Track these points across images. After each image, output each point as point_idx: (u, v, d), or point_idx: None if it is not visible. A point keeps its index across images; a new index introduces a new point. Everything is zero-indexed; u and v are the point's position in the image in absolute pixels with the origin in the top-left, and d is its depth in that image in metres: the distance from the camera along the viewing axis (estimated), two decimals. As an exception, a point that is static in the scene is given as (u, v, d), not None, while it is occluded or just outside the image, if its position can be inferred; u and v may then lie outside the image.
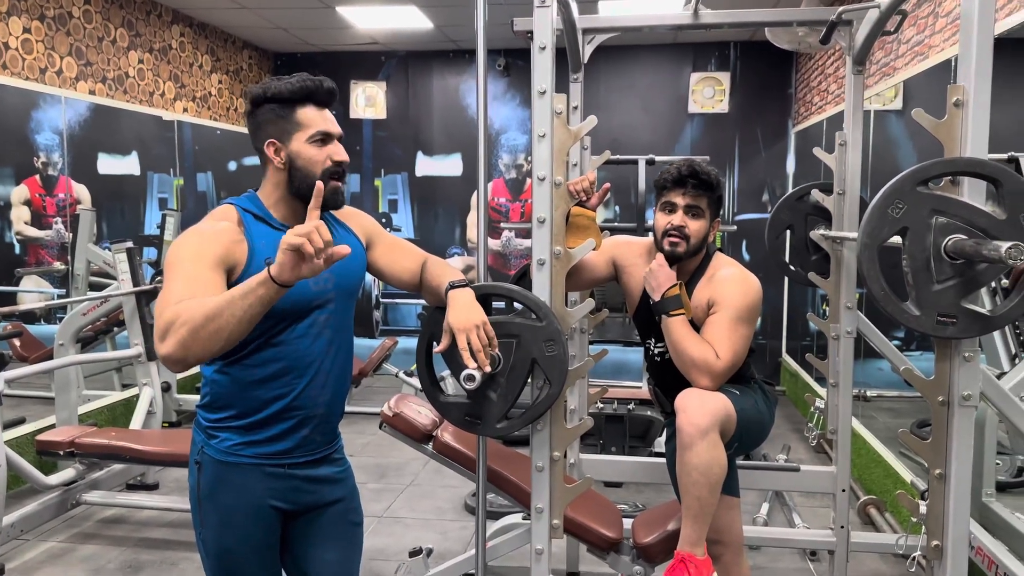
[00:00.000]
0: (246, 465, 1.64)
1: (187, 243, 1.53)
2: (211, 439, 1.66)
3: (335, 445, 1.79)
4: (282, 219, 1.64)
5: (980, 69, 1.76)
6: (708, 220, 2.23)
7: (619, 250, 2.39)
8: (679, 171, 2.20)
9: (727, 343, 2.12)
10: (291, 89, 1.61)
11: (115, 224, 5.33)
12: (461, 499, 4.15)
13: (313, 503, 1.73)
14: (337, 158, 1.63)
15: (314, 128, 1.61)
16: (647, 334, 2.36)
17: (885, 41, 4.21)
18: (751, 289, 2.19)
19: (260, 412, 1.63)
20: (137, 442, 3.54)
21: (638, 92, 6.70)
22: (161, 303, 1.43)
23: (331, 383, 1.70)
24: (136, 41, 5.46)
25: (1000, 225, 1.72)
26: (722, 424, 2.02)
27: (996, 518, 2.72)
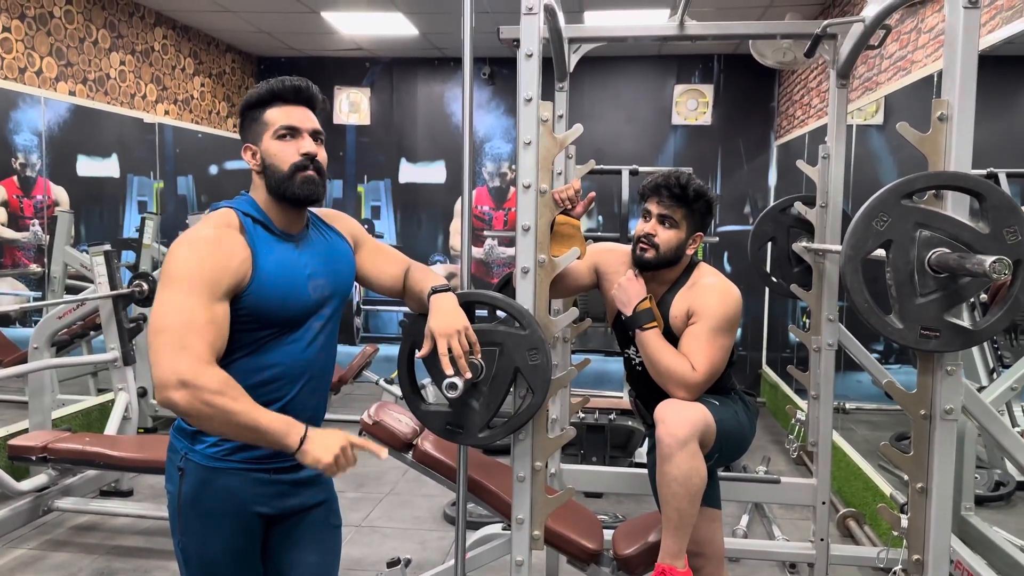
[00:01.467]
0: (233, 470, 1.61)
1: (206, 258, 1.49)
2: (196, 444, 1.62)
3: None
4: (277, 223, 1.63)
5: (965, 84, 1.77)
6: (684, 232, 2.21)
7: (601, 257, 2.38)
8: (655, 181, 2.22)
9: (704, 354, 2.11)
10: (259, 93, 1.63)
11: (93, 227, 5.26)
12: (440, 508, 4.12)
13: (296, 507, 1.72)
14: (303, 150, 1.60)
15: (278, 124, 1.61)
16: (627, 343, 2.35)
17: (868, 56, 4.25)
18: (730, 299, 2.18)
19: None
20: (112, 448, 3.48)
21: (622, 103, 6.72)
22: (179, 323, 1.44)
23: (320, 388, 1.71)
24: (118, 43, 5.41)
25: (984, 239, 1.72)
26: (701, 435, 2.01)
27: (975, 532, 2.73)
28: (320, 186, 1.63)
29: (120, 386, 4.20)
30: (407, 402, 1.86)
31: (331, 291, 1.68)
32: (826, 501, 2.84)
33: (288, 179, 1.59)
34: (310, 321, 1.64)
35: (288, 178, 1.59)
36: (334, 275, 1.70)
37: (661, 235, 2.19)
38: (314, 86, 1.67)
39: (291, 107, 1.62)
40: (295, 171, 1.59)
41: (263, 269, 1.56)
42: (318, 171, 1.62)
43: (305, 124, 1.62)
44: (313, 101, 1.67)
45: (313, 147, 1.62)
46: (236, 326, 1.55)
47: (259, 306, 1.55)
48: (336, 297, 1.70)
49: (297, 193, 1.60)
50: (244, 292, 1.53)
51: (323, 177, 1.64)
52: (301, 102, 1.64)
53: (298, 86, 1.63)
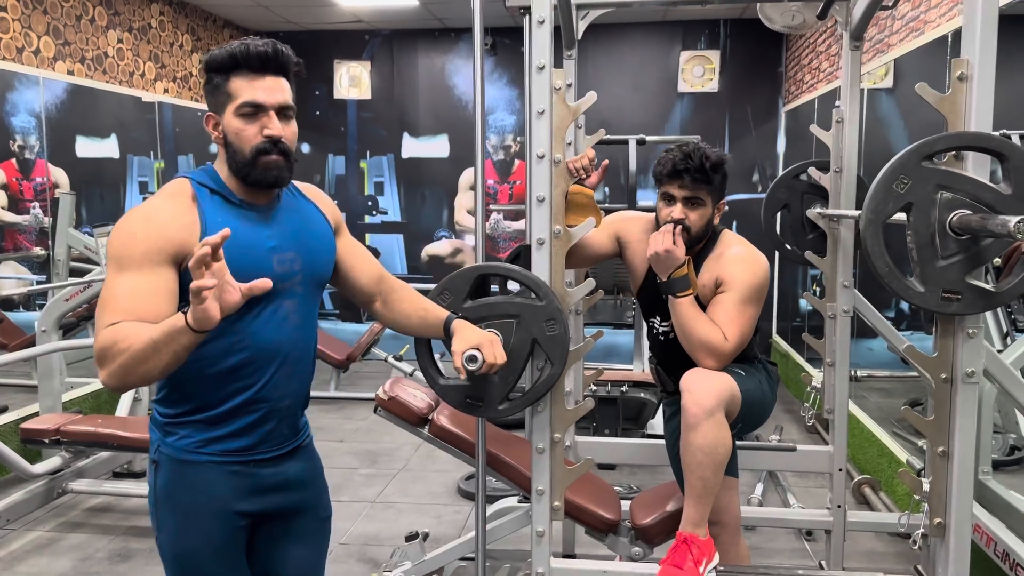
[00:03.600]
0: (206, 463, 1.52)
1: (136, 230, 1.40)
2: (168, 436, 1.53)
3: (303, 435, 1.68)
4: (239, 194, 1.51)
5: (985, 42, 1.73)
6: (710, 206, 2.18)
7: (623, 226, 2.35)
8: (673, 164, 2.14)
9: (735, 324, 2.10)
10: (220, 57, 1.47)
11: (94, 208, 5.22)
12: (454, 483, 4.12)
13: (281, 505, 1.62)
14: (267, 131, 1.46)
15: (240, 99, 1.45)
16: (651, 312, 2.33)
17: (879, 18, 4.17)
18: (759, 268, 2.17)
19: (222, 405, 1.51)
20: (124, 429, 3.49)
21: (627, 72, 6.63)
22: (99, 311, 1.35)
23: (298, 373, 1.59)
24: (115, 20, 5.34)
25: (1006, 200, 1.70)
26: (727, 405, 2.01)
27: (993, 496, 2.71)
28: (285, 170, 1.49)
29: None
30: (425, 376, 1.85)
31: (302, 267, 1.55)
32: (843, 468, 2.83)
33: (250, 164, 1.47)
34: (279, 299, 1.50)
35: (250, 163, 1.47)
36: (307, 252, 1.56)
37: (691, 216, 2.16)
38: (285, 50, 1.50)
39: (257, 77, 1.46)
40: (257, 155, 1.46)
41: (211, 229, 1.42)
42: (283, 153, 1.48)
43: (272, 99, 1.46)
44: (284, 68, 1.50)
45: (278, 128, 1.47)
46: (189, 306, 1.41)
47: None
48: (308, 278, 1.57)
49: (258, 180, 1.47)
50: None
51: (290, 159, 1.50)
52: (269, 71, 1.47)
53: (264, 52, 1.46)
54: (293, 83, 1.54)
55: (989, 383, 2.81)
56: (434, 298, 1.83)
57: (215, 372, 1.46)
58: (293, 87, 1.54)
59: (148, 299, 1.37)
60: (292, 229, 1.56)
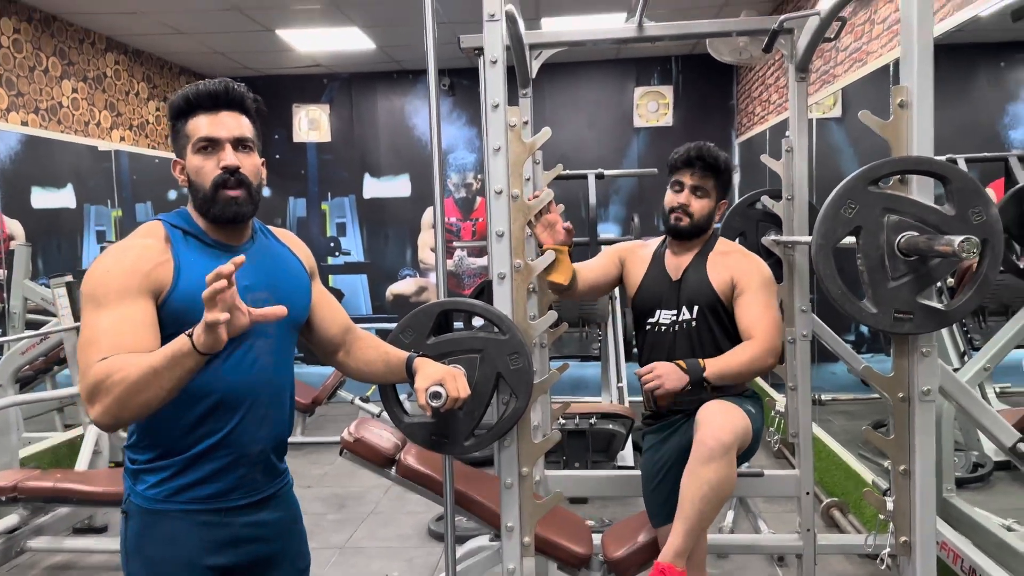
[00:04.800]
0: (176, 513, 1.48)
1: (111, 267, 1.40)
2: (137, 484, 1.50)
3: (282, 482, 1.64)
4: (211, 234, 1.52)
5: (922, 69, 1.80)
6: (714, 200, 2.40)
7: (622, 249, 2.60)
8: (687, 152, 2.39)
9: (767, 318, 2.29)
10: (176, 104, 1.51)
11: (51, 259, 5.13)
12: (425, 525, 4.07)
13: (256, 556, 1.57)
14: (223, 163, 1.47)
15: (196, 135, 1.48)
16: (652, 310, 2.43)
17: (824, 49, 4.31)
18: (764, 265, 2.41)
19: (189, 450, 1.47)
20: (84, 483, 3.39)
21: (584, 108, 6.75)
22: (82, 350, 1.34)
23: (271, 418, 1.55)
24: (69, 70, 5.31)
25: (950, 221, 1.75)
26: (741, 442, 2.09)
27: (958, 513, 2.76)
28: (246, 204, 1.50)
29: (88, 420, 4.09)
30: (390, 415, 1.84)
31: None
32: (810, 491, 2.84)
33: (210, 199, 1.48)
34: (250, 340, 1.48)
35: (210, 198, 1.48)
36: (281, 293, 1.54)
37: (694, 204, 2.37)
38: (237, 86, 1.52)
39: (213, 114, 1.48)
40: (216, 189, 1.47)
41: (186, 276, 1.43)
42: (241, 184, 1.48)
43: (225, 132, 1.48)
44: (238, 103, 1.51)
45: (233, 159, 1.47)
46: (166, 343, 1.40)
47: (183, 317, 1.38)
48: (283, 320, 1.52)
49: (219, 215, 1.48)
50: (165, 299, 1.41)
51: (250, 189, 1.50)
52: (223, 107, 1.50)
53: (215, 90, 1.49)
54: (255, 118, 1.55)
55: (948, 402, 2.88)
56: (396, 335, 1.83)
57: (182, 416, 1.44)
58: (255, 122, 1.55)
59: (132, 332, 1.35)
60: (265, 270, 1.56)
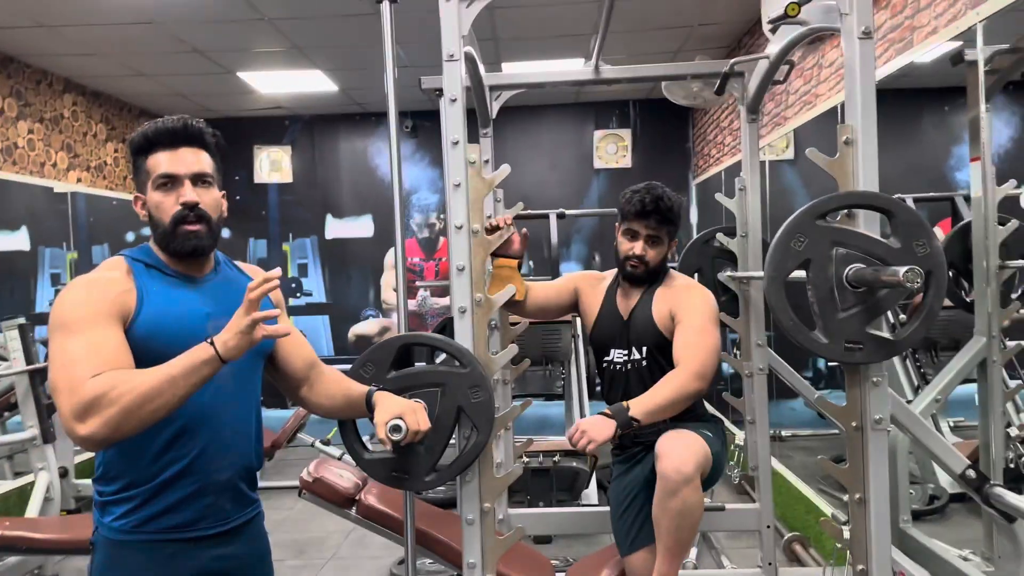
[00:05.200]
0: (142, 544, 1.47)
1: (79, 297, 1.42)
2: (104, 516, 1.49)
3: (251, 511, 1.63)
4: (172, 267, 1.54)
5: (866, 108, 1.88)
6: (666, 245, 2.44)
7: (580, 280, 2.61)
8: (643, 203, 2.37)
9: (699, 347, 2.27)
10: (136, 141, 1.54)
11: (3, 302, 5.01)
12: (387, 569, 4.01)
13: None
14: (182, 199, 1.50)
15: (156, 172, 1.51)
16: (607, 346, 2.46)
17: (775, 93, 4.45)
18: (708, 296, 2.41)
19: (155, 479, 1.47)
20: (34, 531, 3.28)
21: (544, 150, 6.87)
22: (62, 371, 1.33)
23: (237, 445, 1.56)
24: (26, 111, 5.26)
25: (896, 253, 1.81)
26: (703, 469, 2.12)
27: (915, 543, 2.79)
28: (206, 238, 1.53)
29: (40, 465, 4.00)
30: (349, 451, 1.82)
31: None
32: (770, 525, 2.87)
33: (170, 233, 1.51)
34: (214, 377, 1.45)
35: (170, 232, 1.51)
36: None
37: (650, 253, 2.41)
38: (196, 123, 1.55)
39: (172, 151, 1.52)
40: (176, 224, 1.50)
41: (150, 304, 1.46)
42: (201, 219, 1.51)
43: (185, 168, 1.51)
44: (197, 139, 1.55)
45: (192, 195, 1.50)
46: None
47: (147, 343, 1.42)
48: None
49: (179, 249, 1.51)
50: (130, 326, 1.43)
51: (210, 223, 1.53)
52: (183, 143, 1.53)
53: (173, 128, 1.52)
54: (215, 153, 1.58)
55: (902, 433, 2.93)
56: (356, 369, 1.82)
57: (148, 444, 1.43)
58: (215, 157, 1.58)
59: (112, 351, 1.37)
60: (228, 299, 1.55)
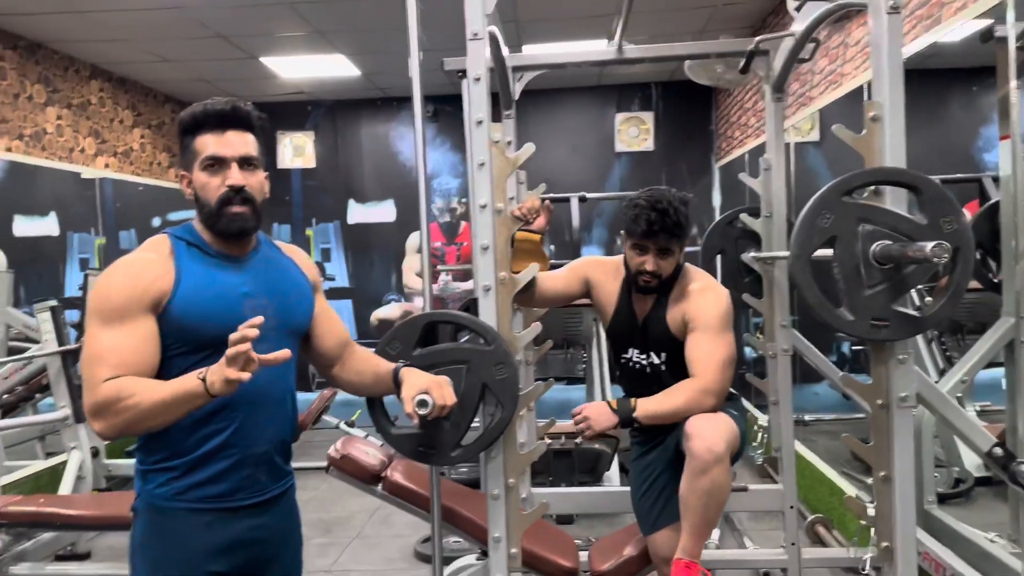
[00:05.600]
0: (182, 512, 1.54)
1: (115, 284, 1.49)
2: (146, 483, 1.56)
3: (285, 484, 1.69)
4: (214, 246, 1.59)
5: (893, 84, 1.86)
6: (679, 253, 2.33)
7: (591, 270, 2.48)
8: (648, 223, 2.23)
9: (713, 357, 2.21)
10: (186, 119, 1.58)
11: (32, 288, 5.07)
12: (411, 548, 4.05)
13: (255, 560, 1.61)
14: (229, 182, 1.54)
15: (204, 153, 1.56)
16: (626, 346, 2.42)
17: (800, 73, 4.41)
18: (721, 298, 2.31)
19: (195, 451, 1.53)
20: (68, 507, 3.35)
21: (566, 134, 6.84)
22: (88, 363, 1.44)
23: (274, 419, 1.62)
24: (54, 97, 5.33)
25: (922, 230, 1.79)
26: (732, 448, 2.12)
27: (940, 525, 2.78)
28: (251, 219, 1.57)
29: (72, 444, 4.08)
30: (377, 427, 1.85)
31: (276, 314, 1.58)
32: (794, 505, 2.87)
33: (216, 214, 1.55)
34: (253, 344, 1.50)
35: (216, 213, 1.55)
36: (281, 301, 1.62)
37: (662, 266, 2.29)
38: (244, 106, 1.59)
39: (219, 133, 1.56)
40: (221, 205, 1.55)
41: (186, 285, 1.51)
42: (247, 201, 1.56)
43: (232, 151, 1.56)
44: (244, 122, 1.59)
45: (239, 178, 1.55)
46: (168, 351, 1.51)
47: (182, 322, 1.49)
48: (283, 324, 1.61)
49: (224, 229, 1.56)
50: (165, 308, 1.49)
51: (254, 207, 1.58)
52: (230, 127, 1.57)
53: (222, 111, 1.56)
54: (260, 136, 1.62)
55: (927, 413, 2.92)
56: (383, 347, 1.85)
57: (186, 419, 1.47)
58: (260, 139, 1.62)
59: (134, 350, 1.46)
60: (266, 279, 1.63)
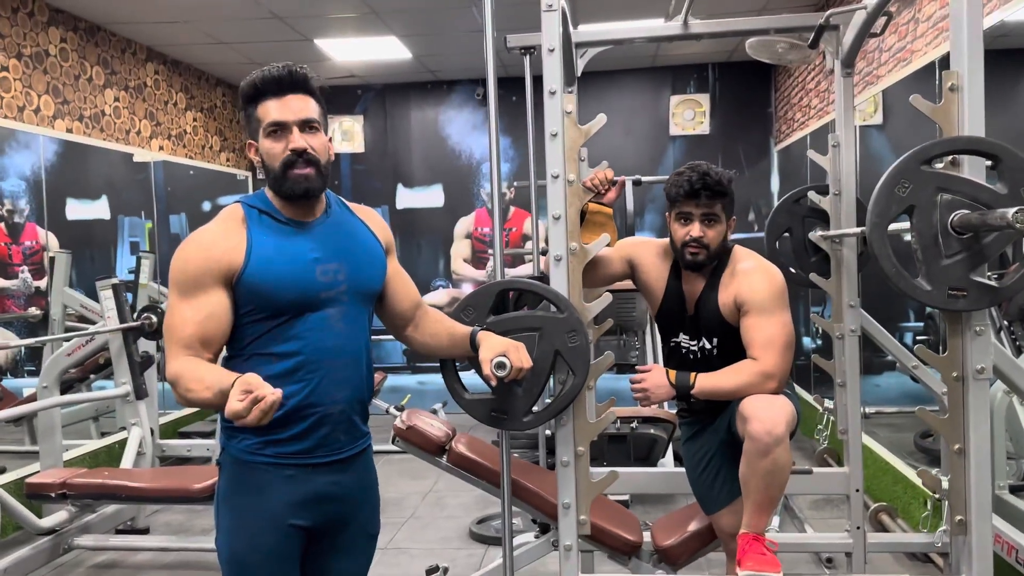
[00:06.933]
0: (264, 465, 1.59)
1: (190, 256, 1.57)
2: (231, 440, 1.63)
3: (362, 443, 1.73)
4: (284, 212, 1.63)
5: (972, 52, 1.82)
6: (724, 222, 2.25)
7: (635, 250, 2.41)
8: (690, 183, 2.19)
9: (770, 341, 2.16)
10: (246, 89, 1.61)
11: (84, 270, 5.15)
12: (465, 528, 4.08)
13: (333, 517, 1.67)
14: (291, 146, 1.57)
15: (267, 120, 1.59)
16: (675, 331, 2.36)
17: (866, 51, 4.31)
18: (773, 277, 2.23)
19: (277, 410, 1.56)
20: (131, 479, 3.44)
21: (619, 117, 6.72)
22: (168, 332, 1.56)
23: (350, 379, 1.65)
24: (112, 79, 5.44)
25: (1002, 199, 1.76)
26: (791, 427, 2.09)
27: (1011, 509, 2.73)
28: (316, 180, 1.60)
29: (133, 421, 4.16)
30: (450, 391, 1.87)
31: (347, 278, 1.63)
32: (860, 488, 2.80)
33: (281, 177, 1.58)
34: (324, 309, 1.60)
35: (281, 176, 1.58)
36: (353, 264, 1.65)
37: (709, 234, 2.22)
38: (301, 69, 1.61)
39: (280, 99, 1.58)
40: (286, 168, 1.58)
41: (258, 253, 1.56)
42: (311, 163, 1.58)
43: (292, 116, 1.58)
44: (302, 86, 1.61)
45: (300, 142, 1.58)
46: (243, 318, 1.57)
47: (256, 289, 1.55)
48: (355, 287, 1.65)
49: (290, 191, 1.59)
50: (239, 277, 1.55)
51: (319, 168, 1.60)
52: (288, 91, 1.59)
53: (279, 76, 1.58)
54: (319, 98, 1.64)
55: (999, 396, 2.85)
56: (458, 312, 1.87)
57: (265, 377, 1.50)
58: (320, 102, 1.64)
59: (204, 323, 1.54)
60: (337, 243, 1.65)
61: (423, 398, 6.49)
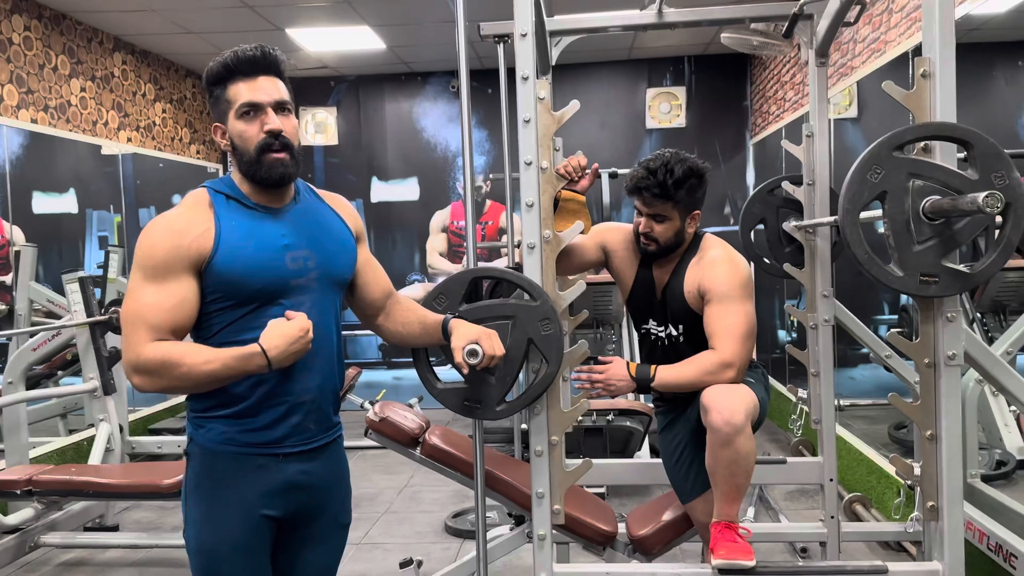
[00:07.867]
0: (234, 455, 1.56)
1: (158, 241, 1.50)
2: (199, 428, 1.58)
3: (333, 434, 1.70)
4: (253, 198, 1.58)
5: (944, 39, 1.84)
6: (678, 220, 2.26)
7: (607, 236, 2.43)
8: (636, 182, 2.23)
9: (730, 330, 2.15)
10: (215, 69, 1.56)
11: (52, 265, 5.03)
12: (439, 523, 4.05)
13: (305, 506, 1.64)
14: (267, 127, 1.53)
15: (238, 101, 1.54)
16: (644, 318, 2.37)
17: (841, 42, 4.33)
18: (738, 266, 2.23)
19: (246, 400, 1.55)
20: (99, 476, 3.37)
21: (595, 109, 6.73)
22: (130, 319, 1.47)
23: (319, 367, 1.61)
24: (78, 69, 5.33)
25: (973, 185, 1.77)
26: (751, 416, 2.08)
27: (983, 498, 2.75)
28: (291, 165, 1.56)
29: (101, 416, 4.08)
30: (423, 381, 1.84)
31: (317, 265, 1.59)
32: (833, 478, 2.83)
33: (256, 162, 1.54)
34: (294, 296, 1.56)
35: (255, 160, 1.54)
36: (323, 251, 1.61)
37: (656, 230, 2.25)
38: (273, 50, 1.58)
39: (251, 80, 1.54)
40: (261, 152, 1.53)
41: (227, 239, 1.51)
42: (286, 146, 1.55)
43: (267, 96, 1.54)
44: (274, 67, 1.58)
45: (276, 122, 1.54)
46: (212, 305, 1.52)
47: (225, 277, 1.51)
48: (325, 274, 1.61)
49: (266, 177, 1.55)
50: (208, 264, 1.50)
51: (292, 152, 1.56)
52: (261, 72, 1.55)
53: (253, 56, 1.55)
54: (287, 82, 1.60)
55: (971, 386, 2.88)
56: (430, 301, 1.84)
57: None
58: (288, 85, 1.60)
59: (173, 311, 1.49)
60: (307, 229, 1.62)
61: (399, 393, 6.45)
